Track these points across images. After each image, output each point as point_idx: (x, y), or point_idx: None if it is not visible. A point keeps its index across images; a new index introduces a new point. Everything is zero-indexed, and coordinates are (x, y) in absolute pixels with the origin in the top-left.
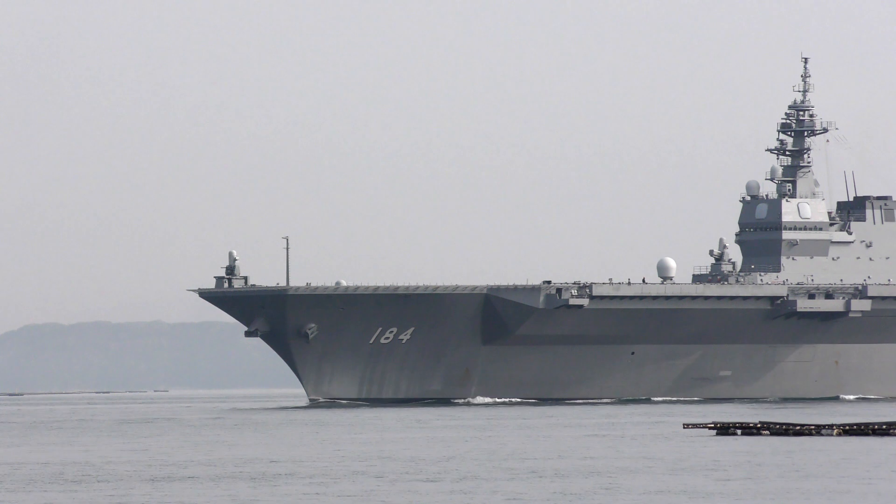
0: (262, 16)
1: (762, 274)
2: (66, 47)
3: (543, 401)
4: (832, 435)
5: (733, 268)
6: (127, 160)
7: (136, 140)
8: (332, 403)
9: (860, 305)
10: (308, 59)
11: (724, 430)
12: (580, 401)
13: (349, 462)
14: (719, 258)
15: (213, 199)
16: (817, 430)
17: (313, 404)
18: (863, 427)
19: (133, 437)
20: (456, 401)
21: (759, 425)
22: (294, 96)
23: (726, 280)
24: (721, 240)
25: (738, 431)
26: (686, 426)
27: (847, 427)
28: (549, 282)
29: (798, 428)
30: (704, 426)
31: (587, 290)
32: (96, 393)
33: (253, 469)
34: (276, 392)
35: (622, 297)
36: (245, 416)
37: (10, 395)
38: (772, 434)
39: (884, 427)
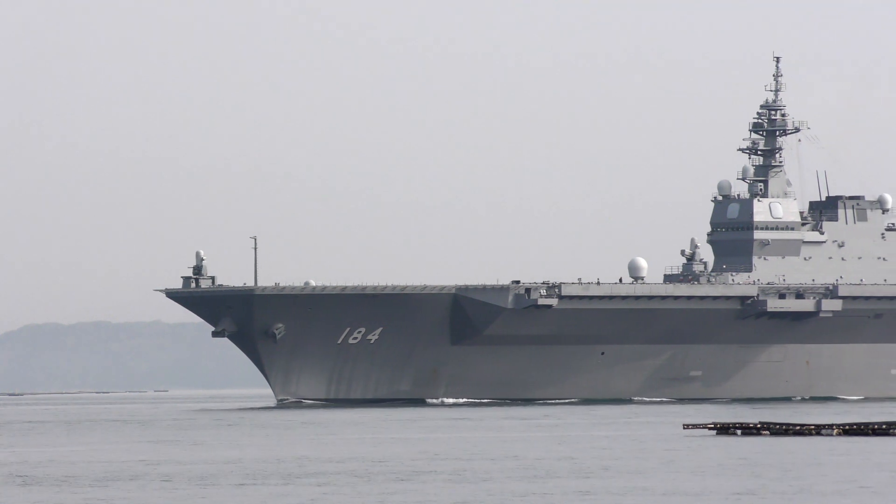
0: (229, 14)
1: (734, 274)
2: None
3: (514, 401)
4: (832, 435)
5: (705, 268)
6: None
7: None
8: (299, 404)
9: (831, 305)
10: (277, 58)
11: (724, 430)
12: (551, 401)
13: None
14: (691, 258)
15: (183, 200)
16: (817, 430)
17: (281, 405)
18: (863, 427)
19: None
20: (431, 401)
21: (759, 425)
22: (263, 96)
23: (697, 280)
24: (693, 240)
25: (739, 432)
26: (686, 426)
27: (847, 427)
28: (517, 282)
29: (798, 428)
30: (704, 426)
31: (556, 290)
32: (96, 393)
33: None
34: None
35: (591, 297)
36: (191, 417)
37: (10, 394)
38: (772, 434)
39: (884, 427)
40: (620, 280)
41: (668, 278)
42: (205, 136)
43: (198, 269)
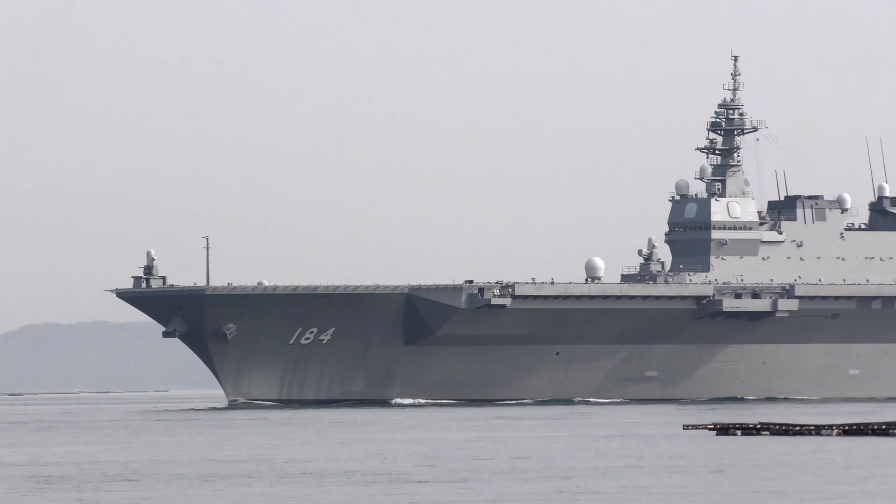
0: (178, 13)
1: (691, 274)
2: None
3: (472, 402)
4: (832, 435)
5: (662, 268)
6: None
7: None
8: (250, 404)
9: (787, 305)
10: (225, 57)
11: (724, 430)
12: (507, 402)
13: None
14: (648, 258)
15: (133, 199)
16: (817, 431)
17: (232, 405)
18: (863, 427)
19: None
20: (395, 401)
21: (758, 426)
22: (212, 94)
23: (655, 280)
24: (650, 239)
25: (738, 432)
26: (686, 427)
27: (847, 427)
28: (471, 281)
29: (798, 428)
30: (704, 426)
31: (510, 290)
32: (96, 393)
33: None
34: None
35: (545, 297)
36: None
37: (10, 394)
38: (772, 434)
39: (884, 427)
40: (590, 280)
41: (626, 278)
42: (161, 135)
43: (148, 269)
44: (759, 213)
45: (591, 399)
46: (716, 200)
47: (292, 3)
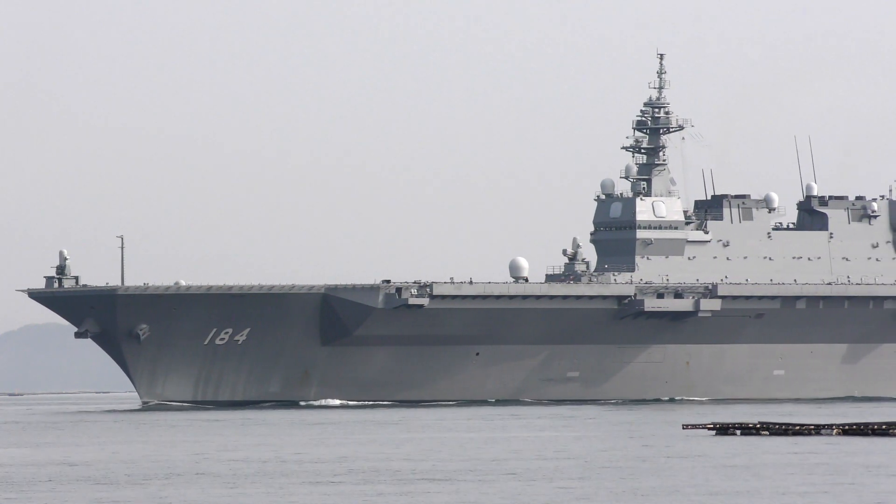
0: (104, 12)
1: (616, 274)
2: None
3: (392, 403)
4: (832, 435)
5: (587, 267)
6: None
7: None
8: (163, 406)
9: (710, 305)
10: (147, 56)
11: (723, 430)
12: (427, 403)
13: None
14: (573, 258)
15: (46, 198)
16: (817, 430)
17: (145, 407)
18: (862, 427)
19: None
20: (316, 402)
21: (758, 425)
22: (131, 90)
23: (579, 280)
24: (574, 239)
25: (738, 432)
26: (686, 427)
27: (847, 427)
28: (388, 281)
29: (798, 428)
30: (704, 426)
31: (427, 290)
32: (96, 393)
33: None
34: None
35: (464, 297)
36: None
37: (10, 395)
38: (771, 434)
39: (883, 427)
40: (514, 280)
41: (550, 278)
42: (74, 131)
43: (61, 269)
44: (685, 212)
45: (511, 399)
46: (641, 200)
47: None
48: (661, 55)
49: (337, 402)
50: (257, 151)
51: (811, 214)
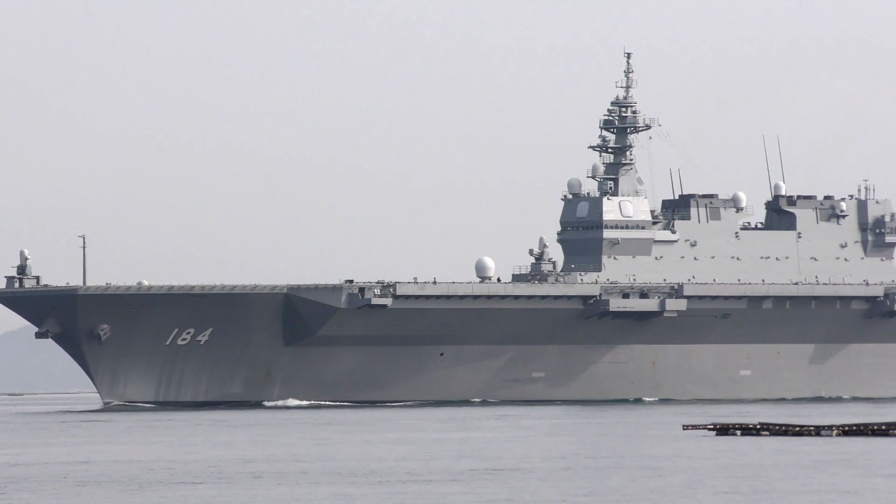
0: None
1: (582, 273)
2: None
3: (355, 403)
4: (832, 435)
5: (554, 267)
6: None
7: None
8: (125, 406)
9: (675, 305)
10: (109, 54)
11: (723, 430)
12: (391, 403)
13: None
14: (539, 257)
15: (6, 197)
16: (817, 431)
17: (106, 407)
18: (862, 427)
19: None
20: (275, 403)
21: (758, 426)
22: (92, 88)
23: (545, 280)
24: (541, 239)
25: (738, 432)
26: (686, 427)
27: (847, 427)
28: (351, 281)
29: (798, 428)
30: (704, 427)
31: (391, 290)
32: (96, 393)
33: None
34: None
35: (428, 297)
36: None
37: (11, 394)
38: (771, 434)
39: (883, 427)
40: (481, 280)
41: (517, 278)
42: (37, 131)
43: (22, 269)
44: (653, 212)
45: (475, 399)
46: (608, 199)
47: None
48: (629, 54)
49: (300, 402)
50: (221, 151)
51: (779, 214)
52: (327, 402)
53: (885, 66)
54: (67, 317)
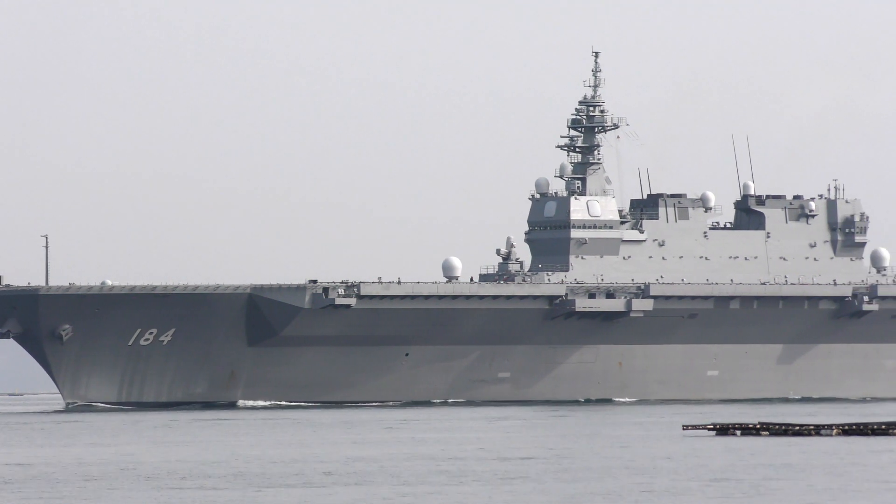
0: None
1: (549, 273)
2: None
3: (320, 404)
4: (832, 435)
5: (521, 267)
6: None
7: None
8: (89, 407)
9: (641, 305)
10: (69, 53)
11: (723, 430)
12: (357, 403)
13: None
14: (507, 257)
15: None
16: (816, 431)
17: (69, 408)
18: (862, 427)
19: None
20: (239, 403)
21: (758, 426)
22: (55, 87)
23: (513, 280)
24: (508, 238)
25: (738, 432)
26: (686, 427)
27: (847, 427)
28: (315, 281)
29: (797, 428)
30: (704, 427)
31: (355, 290)
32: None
33: None
34: None
35: (392, 297)
36: None
37: (11, 395)
38: (771, 434)
39: (883, 427)
40: (448, 280)
41: (484, 278)
42: None
43: None
44: (621, 211)
45: (439, 401)
46: (575, 199)
47: None
48: (597, 53)
49: (264, 403)
50: (182, 151)
51: (748, 214)
52: (291, 403)
53: (855, 66)
54: (29, 317)
